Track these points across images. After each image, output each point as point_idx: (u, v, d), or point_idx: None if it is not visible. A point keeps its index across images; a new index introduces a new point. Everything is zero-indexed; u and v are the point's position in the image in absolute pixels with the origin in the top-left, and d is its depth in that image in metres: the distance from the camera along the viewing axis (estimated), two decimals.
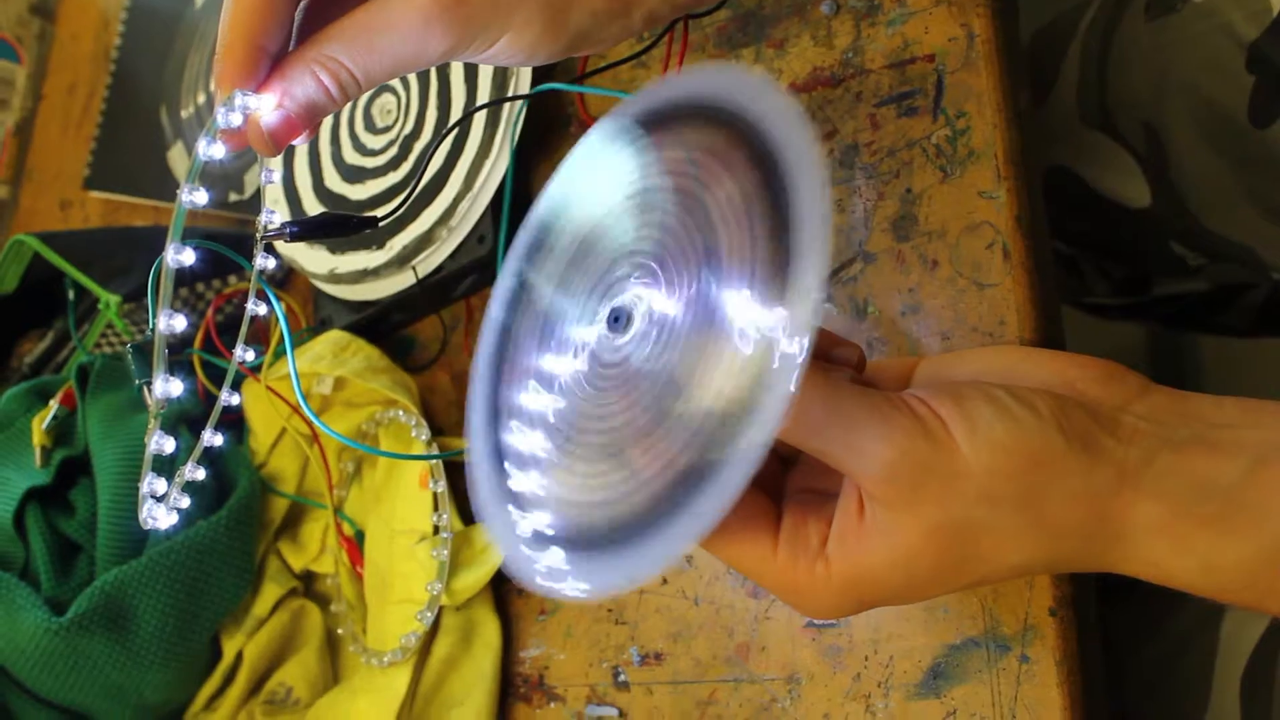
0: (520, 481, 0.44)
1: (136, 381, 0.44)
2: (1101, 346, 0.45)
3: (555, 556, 0.41)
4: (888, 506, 0.39)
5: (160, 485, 0.45)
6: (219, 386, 0.50)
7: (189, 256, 0.43)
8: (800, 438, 0.39)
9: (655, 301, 0.41)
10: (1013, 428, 0.39)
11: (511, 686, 0.67)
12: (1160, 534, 0.38)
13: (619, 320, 0.42)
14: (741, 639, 0.58)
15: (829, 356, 0.45)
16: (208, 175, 0.44)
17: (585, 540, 0.40)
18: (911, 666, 0.52)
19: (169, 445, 0.44)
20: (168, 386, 0.43)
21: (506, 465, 0.44)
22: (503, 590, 0.68)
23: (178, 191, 0.43)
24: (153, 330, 0.42)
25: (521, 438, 0.44)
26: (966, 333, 0.53)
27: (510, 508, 0.43)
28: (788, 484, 0.46)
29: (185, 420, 0.74)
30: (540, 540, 0.42)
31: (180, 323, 0.43)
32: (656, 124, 0.44)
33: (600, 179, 0.46)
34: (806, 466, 0.46)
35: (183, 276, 0.39)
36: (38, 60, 1.22)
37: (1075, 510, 0.39)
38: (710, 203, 0.40)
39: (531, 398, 0.45)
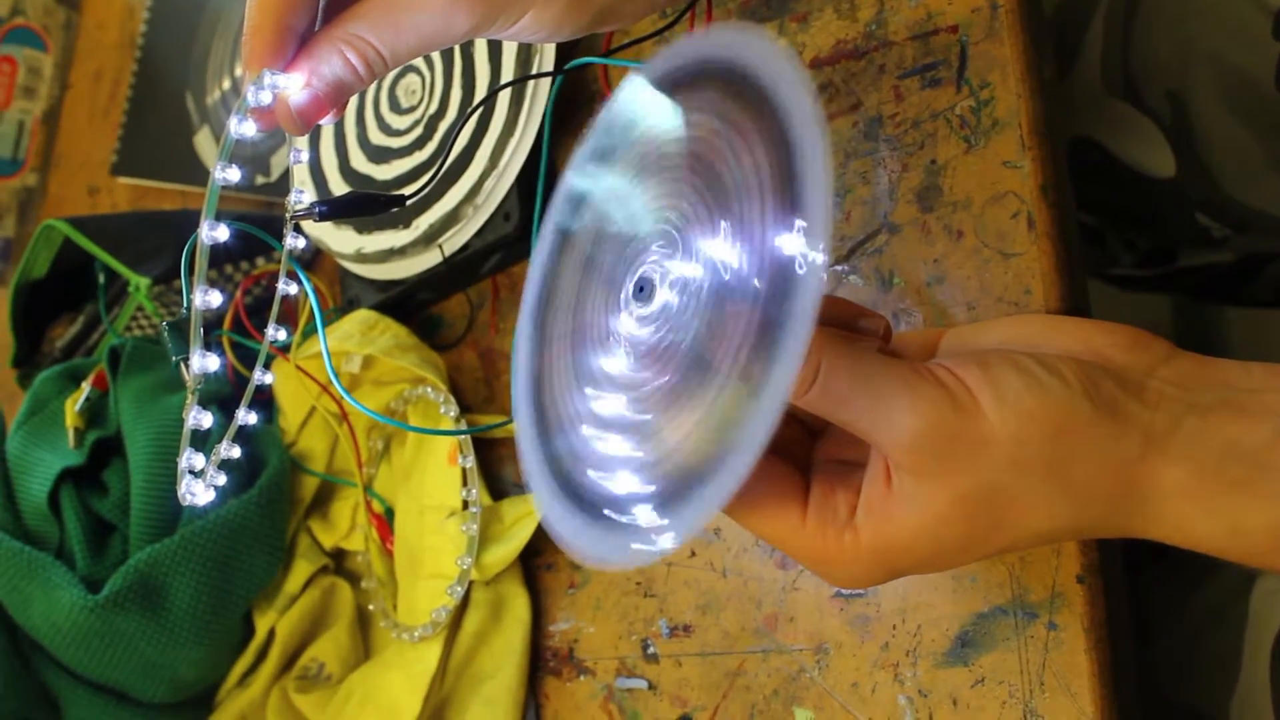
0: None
1: (174, 358, 0.44)
2: (1127, 318, 0.45)
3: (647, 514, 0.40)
4: (915, 475, 0.40)
5: (198, 461, 0.45)
6: (248, 367, 0.50)
7: (223, 233, 0.43)
8: (827, 408, 0.40)
9: (675, 266, 0.41)
10: (1040, 395, 0.39)
11: (541, 660, 0.68)
12: (1187, 498, 0.38)
13: (644, 290, 0.42)
14: (770, 610, 0.58)
15: (855, 327, 0.45)
16: (235, 157, 0.45)
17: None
18: (939, 635, 0.53)
19: (206, 421, 0.44)
20: (204, 362, 0.43)
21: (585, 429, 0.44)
22: (532, 564, 0.69)
23: (211, 170, 0.44)
24: (187, 306, 0.43)
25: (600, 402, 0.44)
26: (992, 303, 0.53)
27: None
28: (815, 455, 0.46)
29: (216, 400, 0.75)
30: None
31: (216, 298, 0.44)
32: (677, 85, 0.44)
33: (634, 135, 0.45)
34: (834, 437, 0.46)
35: (211, 258, 0.40)
36: (64, 49, 1.23)
37: (1102, 476, 0.39)
38: (720, 163, 0.40)
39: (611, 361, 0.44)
